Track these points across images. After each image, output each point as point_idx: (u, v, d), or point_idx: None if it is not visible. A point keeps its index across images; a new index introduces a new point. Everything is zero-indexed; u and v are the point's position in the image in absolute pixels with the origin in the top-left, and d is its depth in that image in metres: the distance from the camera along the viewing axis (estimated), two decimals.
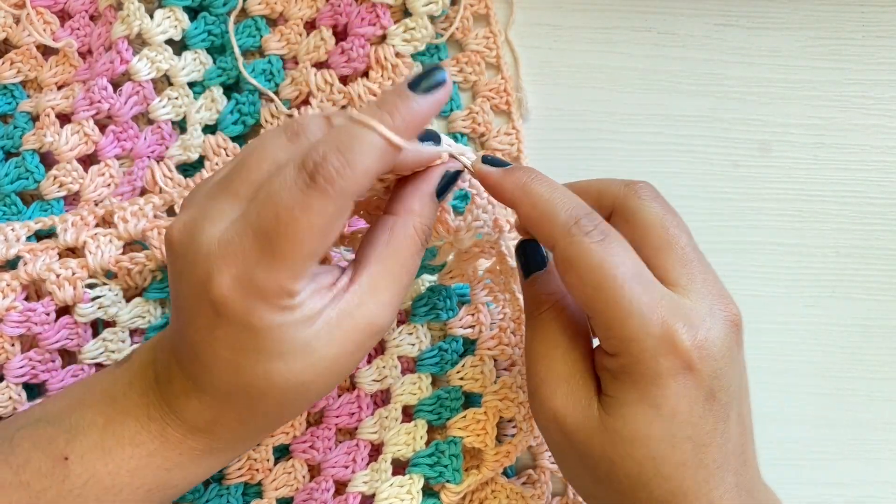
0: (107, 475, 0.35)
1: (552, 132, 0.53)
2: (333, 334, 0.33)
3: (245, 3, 0.51)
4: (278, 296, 0.32)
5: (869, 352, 0.51)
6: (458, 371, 0.46)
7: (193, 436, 0.36)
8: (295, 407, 0.37)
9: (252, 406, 0.35)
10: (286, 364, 0.33)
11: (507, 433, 0.47)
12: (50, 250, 0.45)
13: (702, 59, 0.54)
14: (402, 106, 0.32)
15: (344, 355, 0.34)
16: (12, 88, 0.50)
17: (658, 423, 0.33)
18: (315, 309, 0.33)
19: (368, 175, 0.32)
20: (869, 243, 0.52)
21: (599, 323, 0.35)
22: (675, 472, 0.34)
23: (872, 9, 0.55)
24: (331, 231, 0.32)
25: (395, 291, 0.35)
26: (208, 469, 0.37)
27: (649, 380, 0.34)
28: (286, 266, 0.31)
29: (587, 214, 0.35)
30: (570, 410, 0.36)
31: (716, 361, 0.34)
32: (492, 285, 0.46)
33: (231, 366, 0.33)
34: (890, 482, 0.50)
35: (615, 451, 0.34)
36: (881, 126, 0.54)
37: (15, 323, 0.43)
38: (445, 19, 0.53)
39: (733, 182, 0.53)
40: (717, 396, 0.34)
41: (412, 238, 0.36)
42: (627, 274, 0.34)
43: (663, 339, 0.33)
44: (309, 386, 0.34)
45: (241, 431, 0.36)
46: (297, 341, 0.33)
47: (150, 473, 0.36)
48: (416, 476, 0.45)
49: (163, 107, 0.50)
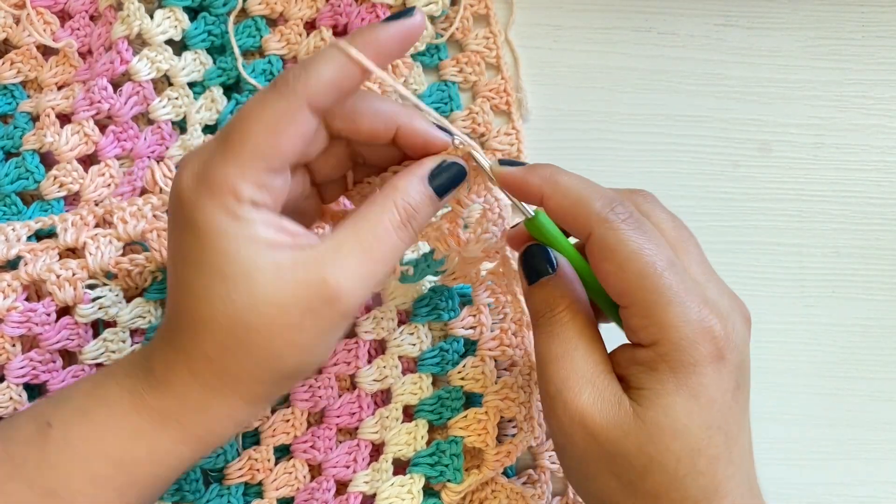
0: (80, 441, 0.35)
1: (552, 132, 0.53)
2: (281, 277, 0.33)
3: (245, 3, 0.51)
4: (223, 191, 0.32)
5: (869, 352, 0.51)
6: (458, 371, 0.47)
7: (153, 391, 0.35)
8: (240, 361, 0.34)
9: (197, 343, 0.34)
10: (227, 289, 0.32)
11: (507, 433, 0.47)
12: (50, 250, 0.45)
13: (702, 59, 0.54)
14: (366, 30, 0.34)
15: (292, 311, 0.33)
16: (12, 88, 0.50)
17: (698, 413, 0.34)
18: (263, 235, 0.33)
19: (322, 80, 0.33)
20: (869, 243, 0.52)
21: (638, 311, 0.34)
22: (709, 466, 0.34)
23: (872, 9, 0.55)
24: (279, 130, 0.33)
25: (363, 262, 0.34)
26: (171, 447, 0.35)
27: (689, 367, 0.34)
28: (234, 158, 0.32)
29: (621, 202, 0.35)
30: (599, 409, 0.35)
31: (741, 354, 0.35)
32: (494, 287, 0.46)
33: (179, 283, 0.34)
34: (890, 482, 0.50)
35: (653, 446, 0.34)
36: (881, 126, 0.54)
37: (15, 323, 0.43)
38: (445, 19, 0.53)
39: (733, 182, 0.53)
40: (742, 389, 0.35)
41: (391, 212, 0.35)
42: (666, 262, 0.34)
43: (701, 327, 0.34)
44: (252, 334, 0.33)
45: (195, 388, 0.35)
46: (239, 262, 0.32)
47: (119, 442, 0.35)
48: (416, 476, 0.45)
49: (163, 107, 0.50)
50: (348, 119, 0.36)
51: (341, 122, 0.36)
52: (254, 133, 0.33)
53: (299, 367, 0.35)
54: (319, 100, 0.33)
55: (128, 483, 0.35)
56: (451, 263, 0.43)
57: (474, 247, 0.40)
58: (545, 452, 0.48)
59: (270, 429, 0.46)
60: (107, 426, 0.35)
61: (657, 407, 0.34)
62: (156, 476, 0.36)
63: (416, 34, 0.35)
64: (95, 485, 0.34)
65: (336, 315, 0.34)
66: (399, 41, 0.34)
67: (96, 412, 0.35)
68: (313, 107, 0.33)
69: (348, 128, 0.37)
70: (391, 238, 0.35)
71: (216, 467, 0.45)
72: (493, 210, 0.39)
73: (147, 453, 0.35)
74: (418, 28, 0.35)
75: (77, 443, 0.35)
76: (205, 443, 0.36)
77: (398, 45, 0.34)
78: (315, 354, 0.35)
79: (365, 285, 0.34)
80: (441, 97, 0.52)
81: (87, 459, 0.35)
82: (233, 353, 0.34)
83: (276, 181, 0.34)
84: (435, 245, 0.40)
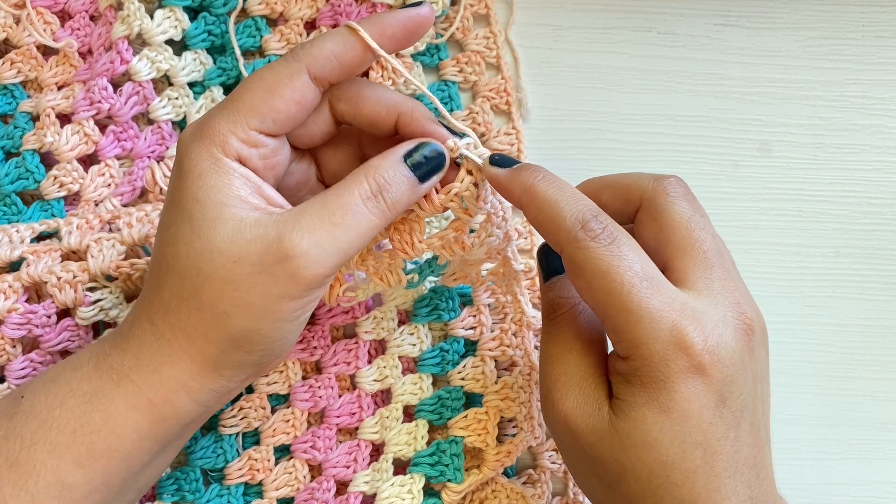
0: (44, 409, 0.35)
1: (552, 132, 0.53)
2: (241, 232, 0.34)
3: (245, 3, 0.51)
4: (212, 140, 0.35)
5: (869, 352, 0.51)
6: (459, 371, 0.47)
7: (116, 349, 0.36)
8: (191, 314, 0.35)
9: (158, 290, 0.35)
10: (190, 233, 0.34)
11: (507, 433, 0.47)
12: (53, 252, 0.45)
13: (702, 59, 0.54)
14: (374, 16, 0.37)
15: (244, 265, 0.33)
16: (12, 88, 0.50)
17: (668, 428, 0.33)
18: (237, 189, 0.34)
19: (324, 50, 0.36)
20: (869, 243, 0.52)
21: (610, 326, 0.34)
22: (685, 479, 0.33)
23: (872, 9, 0.55)
24: (275, 89, 0.35)
25: (324, 226, 0.34)
26: (125, 412, 0.35)
27: (659, 383, 0.33)
28: (229, 112, 0.35)
29: (595, 217, 0.34)
30: (580, 413, 0.35)
31: (727, 367, 0.33)
32: (494, 287, 0.46)
33: (159, 226, 0.36)
34: (890, 482, 0.50)
35: (625, 456, 0.34)
36: (881, 126, 0.54)
37: (16, 325, 0.43)
38: (445, 19, 0.53)
39: (733, 182, 0.53)
40: (728, 403, 0.33)
41: (360, 184, 0.35)
42: (636, 277, 0.33)
43: (673, 342, 0.33)
44: (204, 283, 0.34)
45: (151, 342, 0.35)
46: (207, 207, 0.34)
47: (78, 407, 0.35)
48: (417, 476, 0.45)
49: (163, 107, 0.50)
50: (352, 102, 0.38)
51: (346, 105, 0.38)
52: (252, 91, 0.35)
53: (247, 333, 0.35)
54: (319, 67, 0.36)
55: (87, 454, 0.35)
56: (453, 265, 0.43)
57: (478, 250, 0.40)
58: (545, 452, 0.48)
59: (270, 429, 0.46)
60: (69, 390, 0.36)
61: (629, 419, 0.34)
62: (114, 448, 0.35)
63: (422, 23, 0.37)
64: (55, 454, 0.35)
65: (288, 278, 0.34)
66: (403, 26, 0.36)
67: (62, 378, 0.36)
68: (313, 74, 0.36)
69: (352, 111, 0.38)
70: (359, 208, 0.35)
71: (216, 467, 0.45)
72: (498, 214, 0.39)
73: (102, 419, 0.35)
74: (424, 18, 0.37)
75: (41, 410, 0.35)
76: (160, 413, 0.35)
77: (402, 31, 0.36)
78: (264, 321, 0.35)
79: (324, 251, 0.34)
80: (441, 97, 0.52)
81: (50, 428, 0.35)
82: (186, 303, 0.35)
83: (269, 143, 0.36)
84: (440, 252, 0.40)
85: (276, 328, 0.35)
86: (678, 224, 0.36)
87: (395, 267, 0.40)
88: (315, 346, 0.47)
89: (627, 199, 0.38)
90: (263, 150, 0.36)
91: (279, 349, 0.36)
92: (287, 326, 0.35)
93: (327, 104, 0.38)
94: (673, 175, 0.38)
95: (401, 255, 0.39)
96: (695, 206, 0.37)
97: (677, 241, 0.36)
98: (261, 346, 0.35)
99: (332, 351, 0.47)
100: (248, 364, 0.36)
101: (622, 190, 0.38)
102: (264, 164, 0.36)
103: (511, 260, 0.42)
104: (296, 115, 0.36)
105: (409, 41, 0.37)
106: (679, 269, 0.35)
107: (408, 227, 0.39)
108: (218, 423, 0.46)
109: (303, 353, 0.46)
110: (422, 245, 0.38)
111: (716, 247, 0.36)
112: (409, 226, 0.39)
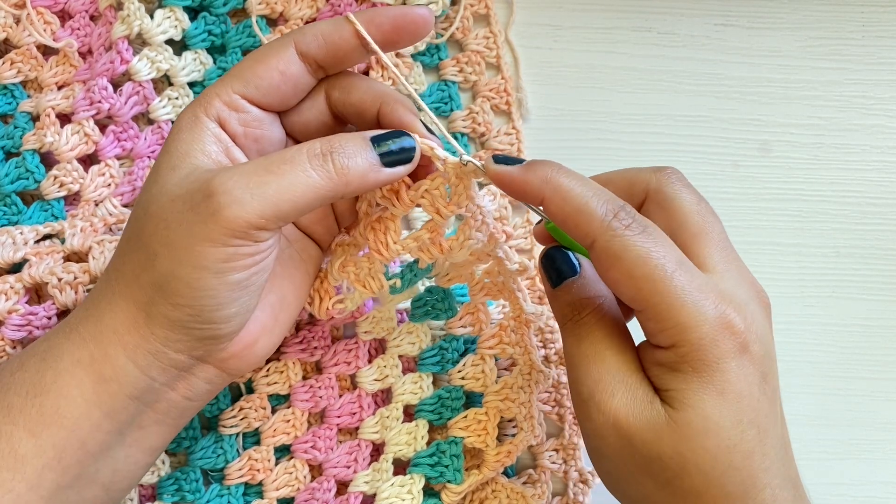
0: (7, 372, 0.36)
1: (552, 132, 0.53)
2: (187, 177, 0.35)
3: (245, 3, 0.51)
4: (201, 102, 0.37)
5: (869, 352, 0.51)
6: (459, 370, 0.47)
7: (81, 308, 0.37)
8: (131, 256, 0.36)
9: (122, 238, 0.37)
10: (153, 178, 0.36)
11: (507, 433, 0.47)
12: (55, 254, 0.45)
13: (702, 59, 0.54)
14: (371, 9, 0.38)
15: (177, 203, 0.34)
16: (12, 88, 0.50)
17: (727, 409, 0.33)
18: (204, 144, 0.36)
19: (314, 29, 0.37)
20: (869, 243, 0.53)
21: (652, 315, 0.34)
22: (744, 461, 0.33)
23: (872, 9, 0.55)
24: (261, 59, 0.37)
25: (258, 172, 0.34)
26: (70, 365, 0.35)
27: (712, 365, 0.33)
28: (221, 80, 0.37)
29: (623, 207, 0.34)
30: (633, 411, 0.34)
31: (764, 344, 0.34)
32: (490, 285, 0.46)
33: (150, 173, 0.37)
34: (890, 482, 0.50)
35: (687, 447, 0.33)
36: (881, 126, 0.54)
37: (16, 326, 0.43)
38: (445, 19, 0.53)
39: (733, 182, 0.53)
40: (768, 379, 0.34)
41: (311, 144, 0.35)
42: (675, 264, 0.34)
43: (719, 323, 0.33)
44: (146, 224, 0.35)
45: (102, 290, 0.36)
46: (172, 155, 0.36)
47: (32, 365, 0.36)
48: (416, 476, 0.45)
49: (163, 107, 0.50)
50: (344, 90, 0.39)
51: (339, 92, 0.39)
52: (244, 61, 0.38)
53: (169, 277, 0.34)
54: (305, 42, 0.37)
55: (37, 418, 0.35)
56: (440, 268, 0.43)
57: (459, 253, 0.40)
58: (545, 452, 0.48)
59: (271, 429, 0.46)
60: (31, 351, 0.37)
61: (686, 407, 0.33)
62: (62, 414, 0.35)
63: (415, 21, 0.37)
64: (9, 418, 0.35)
65: (209, 216, 0.33)
66: (393, 20, 0.37)
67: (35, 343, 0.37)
68: (299, 49, 0.37)
69: (342, 99, 0.39)
70: (300, 163, 0.34)
71: (216, 467, 0.45)
72: (476, 218, 0.39)
73: (52, 378, 0.35)
74: (418, 17, 0.37)
75: (4, 375, 0.37)
76: (100, 372, 0.35)
77: (391, 24, 0.37)
78: (186, 266, 0.34)
79: (250, 194, 0.33)
80: (441, 97, 0.52)
81: (8, 390, 0.36)
82: (128, 245, 0.36)
83: (251, 110, 0.37)
84: (418, 254, 0.40)
85: (196, 277, 0.34)
86: (689, 210, 0.37)
87: (376, 272, 0.40)
88: (315, 347, 0.47)
89: (631, 193, 0.38)
90: (244, 115, 0.37)
91: (207, 310, 0.35)
92: (210, 279, 0.34)
93: (323, 92, 0.39)
94: (669, 166, 0.38)
95: (377, 258, 0.39)
96: (696, 192, 0.38)
97: (691, 226, 0.36)
98: (183, 298, 0.34)
99: (333, 351, 0.47)
100: (178, 325, 0.35)
101: (625, 185, 0.38)
102: (244, 132, 0.37)
103: (504, 261, 0.42)
104: (279, 86, 0.37)
105: (399, 37, 0.38)
106: (699, 254, 0.36)
107: (382, 227, 0.39)
108: (218, 423, 0.46)
109: (303, 354, 0.46)
110: (397, 246, 0.39)
111: (724, 230, 0.37)
112: (383, 224, 0.39)
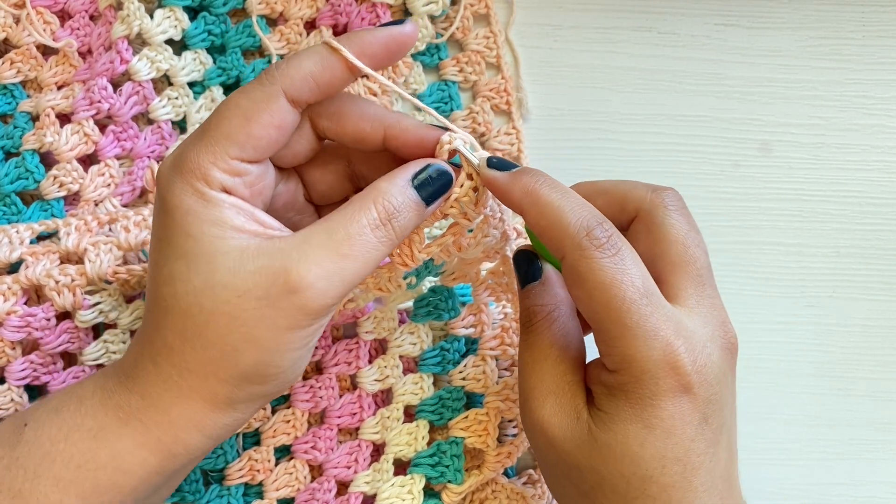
0: (48, 441, 0.34)
1: (552, 132, 0.53)
2: (243, 263, 0.32)
3: (245, 3, 0.51)
4: (194, 174, 0.33)
5: (869, 352, 0.51)
6: (459, 371, 0.47)
7: (121, 387, 0.35)
8: (198, 354, 0.33)
9: (159, 330, 0.34)
10: (188, 271, 0.33)
11: (507, 433, 0.47)
12: (51, 254, 0.45)
13: (702, 59, 0.54)
14: (354, 33, 0.35)
15: (249, 299, 0.32)
16: (12, 88, 0.50)
17: (650, 443, 0.33)
18: (230, 219, 0.33)
19: (301, 71, 0.34)
20: (869, 243, 0.53)
21: (603, 339, 0.34)
22: (662, 492, 0.33)
23: (872, 9, 0.55)
24: (253, 116, 0.33)
25: (331, 257, 0.33)
26: (133, 450, 0.34)
27: (646, 399, 0.33)
28: (207, 143, 0.33)
29: (599, 224, 0.34)
30: (558, 422, 0.35)
31: (712, 386, 0.34)
32: (494, 286, 0.46)
33: (151, 266, 0.34)
34: (890, 482, 0.50)
35: (604, 466, 0.34)
36: (881, 126, 0.54)
37: (15, 328, 0.43)
38: (445, 19, 0.53)
39: (733, 182, 0.53)
40: (710, 421, 0.34)
41: (368, 210, 0.34)
42: (637, 293, 0.33)
43: (665, 361, 0.33)
44: (209, 320, 0.33)
45: (157, 384, 0.34)
46: (203, 242, 0.33)
47: (83, 442, 0.34)
48: (417, 476, 0.45)
49: (163, 107, 0.50)
50: (334, 119, 0.36)
51: (328, 121, 0.37)
52: (228, 119, 0.34)
53: (258, 367, 0.34)
54: (296, 89, 0.34)
55: (92, 490, 0.34)
56: (450, 265, 0.43)
57: (474, 250, 0.40)
58: None
59: (271, 429, 0.46)
60: (74, 423, 0.35)
61: (610, 431, 0.34)
62: (119, 485, 0.34)
63: (405, 42, 0.35)
64: (59, 488, 0.34)
65: (296, 310, 0.33)
66: (384, 45, 0.35)
67: (66, 409, 0.35)
68: (290, 96, 0.34)
69: (334, 128, 0.37)
70: (366, 237, 0.34)
71: (216, 468, 0.45)
72: (496, 215, 0.39)
73: (109, 456, 0.34)
74: (406, 36, 0.35)
75: (45, 442, 0.34)
76: (170, 451, 0.35)
77: (383, 49, 0.35)
78: (274, 354, 0.34)
79: (332, 282, 0.33)
80: (441, 97, 0.52)
81: (53, 461, 0.34)
82: (191, 343, 0.33)
83: (252, 170, 0.34)
84: (438, 256, 0.40)
85: (286, 358, 0.34)
86: (675, 239, 0.36)
87: (395, 277, 0.40)
88: (315, 347, 0.47)
89: (623, 209, 0.37)
90: (248, 177, 0.34)
91: (292, 376, 0.36)
92: (297, 354, 0.35)
93: (308, 122, 0.37)
94: (670, 187, 0.38)
95: (401, 269, 0.39)
96: (690, 221, 0.37)
97: (673, 256, 0.36)
98: (274, 377, 0.35)
99: (333, 351, 0.47)
100: (262, 395, 0.36)
101: (618, 198, 0.37)
102: (251, 192, 0.35)
103: (510, 259, 0.42)
104: (276, 140, 0.35)
105: (390, 60, 0.36)
106: (672, 285, 0.35)
107: (407, 241, 0.38)
108: None
109: None
110: (421, 255, 0.38)
111: (707, 264, 0.36)
112: (409, 238, 0.38)
